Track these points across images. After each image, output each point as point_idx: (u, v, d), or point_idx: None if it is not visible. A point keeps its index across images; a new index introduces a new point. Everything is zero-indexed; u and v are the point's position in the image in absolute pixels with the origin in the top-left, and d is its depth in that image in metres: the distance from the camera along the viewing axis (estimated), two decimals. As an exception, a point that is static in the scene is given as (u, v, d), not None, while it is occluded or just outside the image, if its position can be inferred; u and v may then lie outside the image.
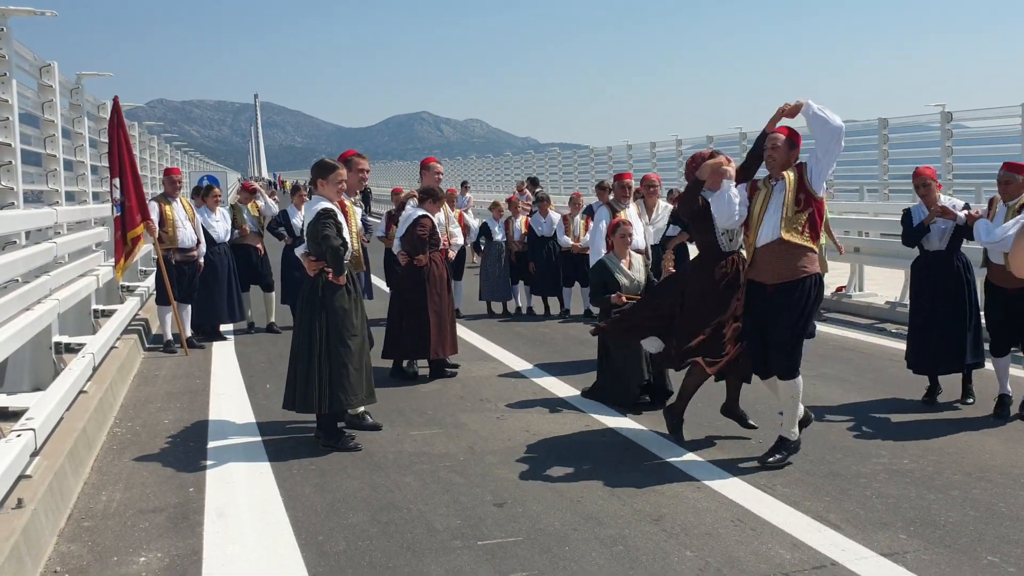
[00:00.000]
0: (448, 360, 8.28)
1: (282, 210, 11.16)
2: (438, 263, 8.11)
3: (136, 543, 4.41)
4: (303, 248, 6.09)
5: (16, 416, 5.27)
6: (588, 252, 11.26)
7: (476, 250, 13.22)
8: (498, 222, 12.41)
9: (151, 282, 11.14)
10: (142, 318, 10.34)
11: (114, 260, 9.29)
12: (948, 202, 6.83)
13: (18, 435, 4.59)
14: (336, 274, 5.87)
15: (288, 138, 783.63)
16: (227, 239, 10.27)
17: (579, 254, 11.55)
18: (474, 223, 12.42)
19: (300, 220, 9.31)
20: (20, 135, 7.20)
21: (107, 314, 9.19)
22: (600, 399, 7.13)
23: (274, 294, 10.92)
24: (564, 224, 11.76)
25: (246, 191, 11.22)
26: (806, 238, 5.36)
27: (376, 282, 11.81)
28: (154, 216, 9.34)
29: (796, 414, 5.52)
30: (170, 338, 9.56)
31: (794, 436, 5.54)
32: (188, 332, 9.65)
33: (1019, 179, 6.48)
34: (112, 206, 9.18)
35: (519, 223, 12.20)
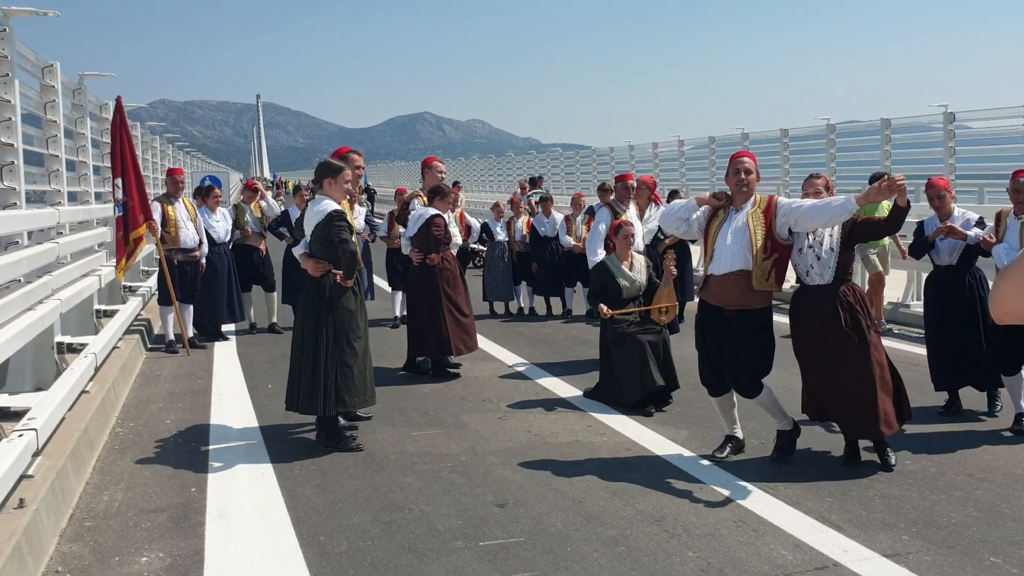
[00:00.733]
0: (451, 360, 8.28)
1: (284, 210, 11.17)
2: (451, 261, 8.16)
3: (138, 543, 4.41)
4: (302, 248, 6.05)
5: (18, 416, 5.27)
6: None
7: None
8: (500, 222, 12.41)
9: (153, 282, 11.15)
10: (144, 318, 10.35)
11: (115, 260, 9.29)
12: (961, 216, 6.58)
13: (20, 435, 4.59)
14: (347, 277, 5.86)
15: (290, 138, 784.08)
16: (227, 239, 10.27)
17: (581, 254, 11.54)
18: (475, 223, 12.42)
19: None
20: (23, 135, 7.20)
21: (109, 314, 9.20)
22: (602, 400, 7.13)
23: (276, 294, 10.92)
24: (566, 224, 11.76)
25: (249, 190, 11.23)
26: (771, 284, 5.38)
27: (378, 282, 11.82)
28: (156, 216, 9.35)
29: (777, 406, 5.58)
30: (172, 338, 9.56)
31: (788, 425, 5.61)
32: (190, 332, 9.66)
33: None
34: (114, 206, 9.19)
35: (521, 223, 12.20)
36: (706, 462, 5.59)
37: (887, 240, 6.44)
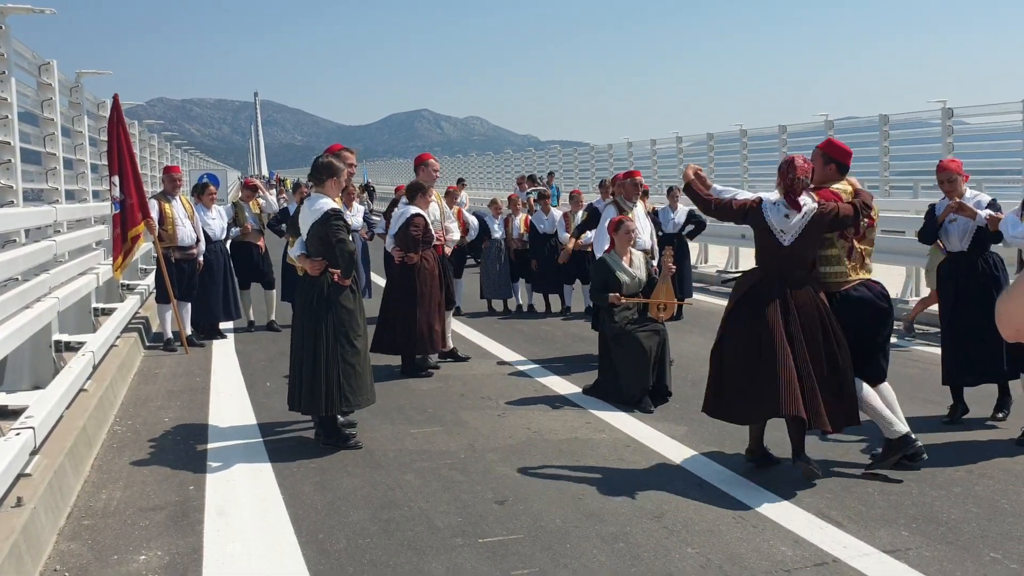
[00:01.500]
0: (429, 360, 8.28)
1: (283, 208, 11.15)
2: (430, 260, 8.12)
3: (136, 541, 4.40)
4: (299, 248, 6.00)
5: (16, 414, 5.26)
6: (589, 249, 11.30)
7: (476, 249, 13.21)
8: (497, 220, 12.39)
9: (151, 280, 11.13)
10: (142, 316, 10.33)
11: (112, 258, 9.27)
12: (972, 198, 6.27)
13: (17, 433, 4.58)
14: (344, 276, 5.85)
15: (288, 136, 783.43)
16: (223, 237, 10.25)
17: (580, 252, 11.53)
18: (474, 220, 12.40)
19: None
20: (19, 133, 7.18)
21: (107, 312, 9.18)
22: (601, 396, 7.12)
23: (275, 292, 10.91)
24: (565, 222, 11.74)
25: (247, 188, 11.22)
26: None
27: (375, 279, 11.80)
28: (154, 214, 9.33)
29: (876, 416, 5.23)
30: (170, 336, 9.55)
31: (894, 434, 5.18)
32: (188, 330, 9.65)
33: None
34: (111, 204, 9.17)
35: (519, 221, 12.18)
36: (706, 459, 5.58)
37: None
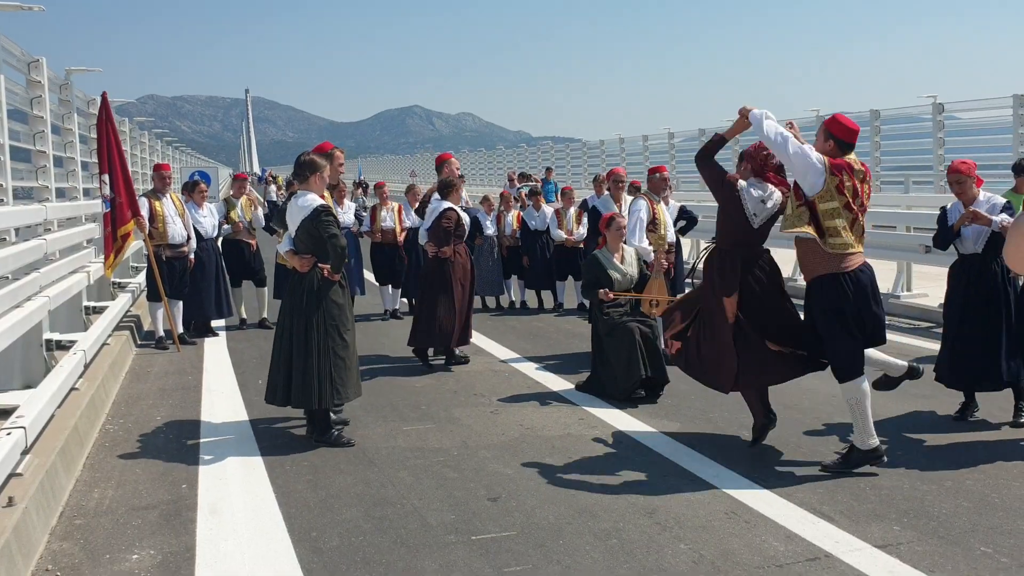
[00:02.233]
0: (456, 353, 8.45)
1: (271, 202, 11.12)
2: (463, 254, 8.34)
3: (129, 540, 4.39)
4: (287, 244, 6.04)
5: (6, 414, 5.24)
6: (580, 246, 11.32)
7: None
8: (489, 216, 12.38)
9: (142, 278, 11.10)
10: (133, 315, 10.30)
11: (103, 257, 9.25)
12: (986, 201, 6.11)
13: (8, 433, 4.57)
14: (334, 271, 5.89)
15: (279, 133, 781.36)
16: (214, 235, 10.22)
17: (572, 248, 11.55)
18: (466, 217, 12.40)
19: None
20: (9, 131, 7.16)
21: (98, 311, 9.16)
22: (594, 393, 7.13)
23: (267, 289, 10.89)
24: (557, 218, 11.75)
25: (238, 181, 11.22)
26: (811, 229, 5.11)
27: (367, 275, 11.79)
28: (144, 212, 9.30)
29: (858, 417, 5.20)
30: (162, 334, 9.52)
31: (867, 445, 5.16)
32: (180, 328, 9.62)
33: None
34: (102, 202, 9.14)
35: (511, 218, 12.18)
36: (698, 455, 5.59)
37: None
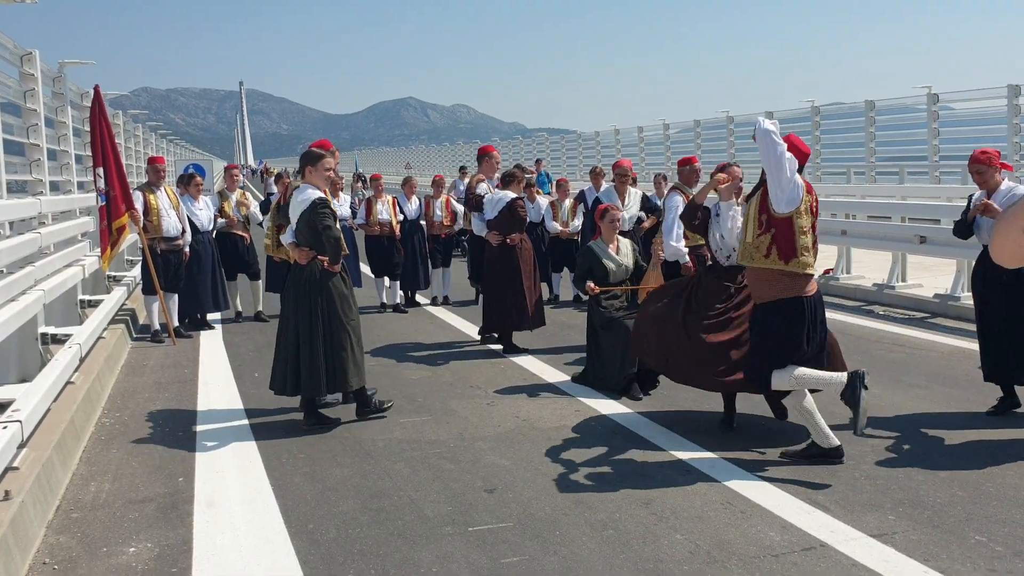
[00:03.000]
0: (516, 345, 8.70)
1: (271, 199, 11.09)
2: (526, 240, 8.73)
3: (126, 534, 4.40)
4: (290, 237, 6.15)
5: (2, 408, 5.23)
6: (576, 238, 11.34)
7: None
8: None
9: (137, 272, 11.08)
10: (129, 308, 10.29)
11: (100, 250, 9.23)
12: (1008, 191, 5.94)
13: (4, 427, 4.56)
14: (332, 262, 6.00)
15: (274, 125, 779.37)
16: (211, 227, 10.20)
17: (567, 240, 11.54)
18: (461, 208, 12.39)
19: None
20: (2, 124, 7.14)
21: (94, 304, 9.14)
22: (590, 384, 7.14)
23: (261, 282, 10.88)
24: (552, 210, 11.74)
25: (230, 172, 11.20)
26: (771, 260, 5.09)
27: (363, 269, 11.78)
28: (138, 205, 9.28)
29: (810, 422, 5.24)
30: (157, 328, 9.51)
31: (828, 444, 5.21)
32: (175, 322, 9.61)
33: None
34: (97, 195, 9.12)
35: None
36: (694, 445, 5.60)
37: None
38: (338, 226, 6.14)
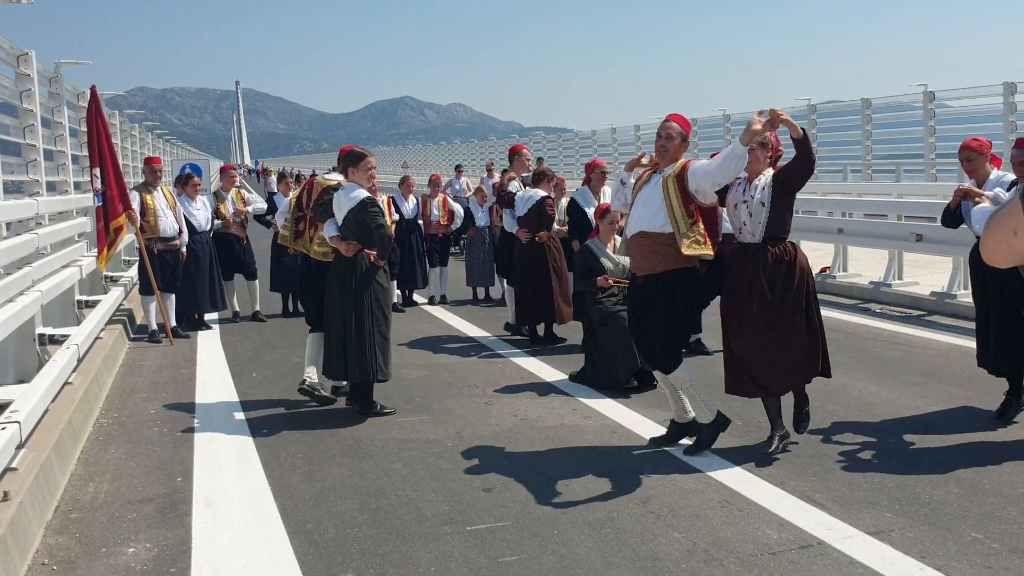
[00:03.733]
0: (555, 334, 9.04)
1: (269, 196, 11.11)
2: (555, 238, 8.93)
3: (124, 534, 4.40)
4: (332, 230, 6.41)
5: (0, 409, 5.23)
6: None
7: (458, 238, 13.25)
8: (482, 207, 12.39)
9: (135, 272, 11.08)
10: (126, 308, 10.28)
11: (97, 250, 9.23)
12: (998, 179, 5.92)
13: (3, 428, 4.56)
14: (380, 257, 6.35)
15: (270, 125, 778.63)
16: (208, 227, 10.20)
17: (564, 239, 11.53)
18: (459, 208, 12.41)
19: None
20: (-1, 125, 7.13)
21: (91, 305, 9.13)
22: (588, 383, 7.15)
23: (257, 282, 10.88)
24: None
25: (226, 172, 11.21)
26: (705, 247, 5.14)
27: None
28: (135, 205, 9.28)
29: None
30: (155, 328, 9.51)
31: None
32: (173, 322, 9.61)
33: None
34: (93, 195, 9.12)
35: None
36: (689, 442, 5.60)
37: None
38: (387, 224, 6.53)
